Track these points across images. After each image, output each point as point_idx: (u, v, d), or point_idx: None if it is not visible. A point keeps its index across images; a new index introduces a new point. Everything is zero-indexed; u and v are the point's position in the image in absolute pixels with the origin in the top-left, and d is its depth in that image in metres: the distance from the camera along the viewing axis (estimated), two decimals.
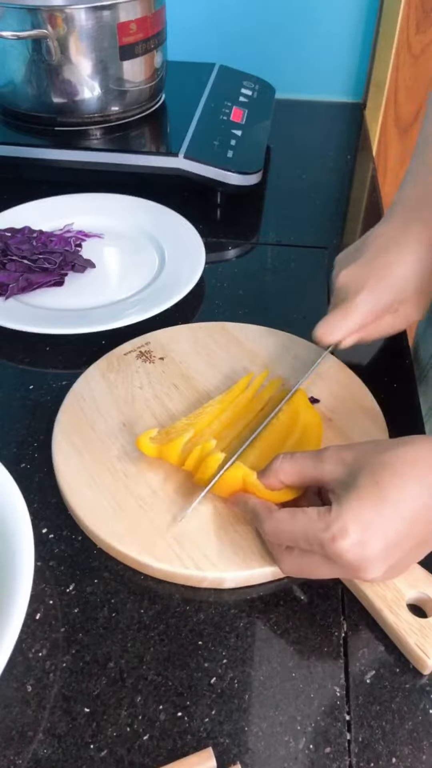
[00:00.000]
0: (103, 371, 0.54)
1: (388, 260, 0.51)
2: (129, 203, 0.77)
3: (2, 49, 0.76)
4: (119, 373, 0.54)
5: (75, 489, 0.45)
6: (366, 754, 0.34)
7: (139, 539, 0.42)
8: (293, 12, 1.02)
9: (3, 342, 0.60)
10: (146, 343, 0.57)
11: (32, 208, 0.75)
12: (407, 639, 0.37)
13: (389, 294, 0.50)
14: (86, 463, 0.47)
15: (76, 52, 0.75)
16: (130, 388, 0.53)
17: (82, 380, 0.53)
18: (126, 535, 0.42)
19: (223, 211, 0.80)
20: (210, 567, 0.41)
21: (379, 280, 0.50)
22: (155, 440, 0.46)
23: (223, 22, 1.04)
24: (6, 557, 0.38)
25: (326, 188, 0.85)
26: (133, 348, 0.57)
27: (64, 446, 0.48)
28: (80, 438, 0.48)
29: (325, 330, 0.51)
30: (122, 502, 0.44)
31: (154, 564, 0.41)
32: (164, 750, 0.34)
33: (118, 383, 0.53)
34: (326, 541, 0.34)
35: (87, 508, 0.44)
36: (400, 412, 0.53)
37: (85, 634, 0.39)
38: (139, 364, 0.55)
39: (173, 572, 0.41)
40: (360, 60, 1.07)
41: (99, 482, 0.45)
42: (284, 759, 0.34)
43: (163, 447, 0.45)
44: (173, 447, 0.45)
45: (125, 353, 0.56)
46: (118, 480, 0.46)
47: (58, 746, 0.34)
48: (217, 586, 0.41)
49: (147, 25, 0.78)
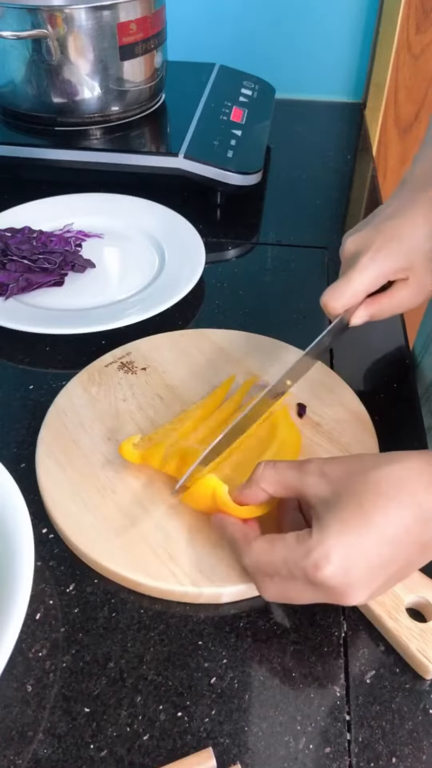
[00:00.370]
0: (85, 384, 0.53)
1: (395, 224, 0.48)
2: (129, 203, 0.77)
3: (2, 49, 0.76)
4: (101, 385, 0.53)
5: (61, 506, 0.44)
6: (366, 754, 0.34)
7: (132, 557, 0.41)
8: (293, 12, 1.02)
9: (3, 342, 0.60)
10: (127, 353, 0.56)
11: (32, 208, 0.75)
12: (408, 645, 0.37)
13: (396, 257, 0.47)
14: (71, 479, 0.45)
15: (76, 52, 0.75)
16: (113, 401, 0.51)
17: (64, 394, 0.52)
18: (117, 554, 0.41)
19: (223, 211, 0.80)
20: (206, 582, 0.40)
21: (384, 242, 0.47)
22: (138, 446, 0.45)
23: (223, 22, 1.04)
24: (6, 557, 0.38)
25: (326, 188, 0.85)
26: (114, 359, 0.55)
27: (47, 463, 0.46)
28: (64, 454, 0.47)
29: (331, 295, 0.47)
30: (110, 518, 0.43)
31: (149, 582, 0.40)
32: (164, 750, 0.34)
33: (100, 396, 0.52)
34: (308, 569, 0.33)
35: (74, 526, 0.42)
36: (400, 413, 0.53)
37: (85, 634, 0.39)
38: (121, 376, 0.54)
39: (169, 590, 0.40)
40: (360, 60, 1.07)
41: (85, 499, 0.44)
42: (284, 759, 0.34)
43: (146, 452, 0.45)
44: (156, 452, 0.44)
45: (106, 365, 0.54)
46: (105, 496, 0.44)
47: (58, 746, 0.34)
48: (214, 601, 0.40)
49: (147, 25, 0.78)
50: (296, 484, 0.37)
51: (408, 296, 0.49)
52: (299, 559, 0.34)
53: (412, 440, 0.51)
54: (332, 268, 0.71)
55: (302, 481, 0.37)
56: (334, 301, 0.47)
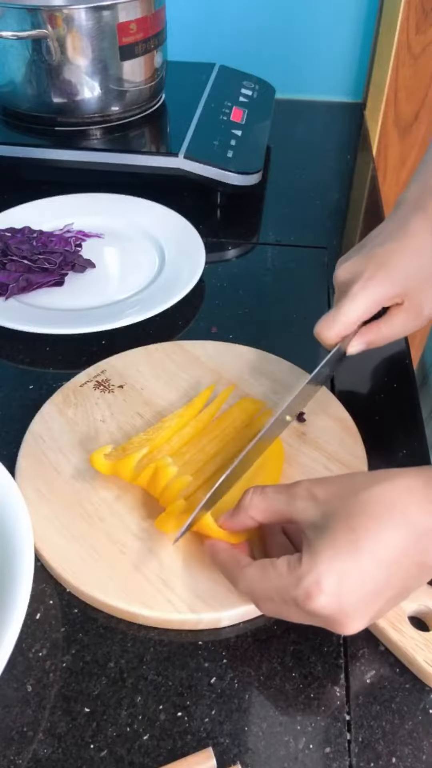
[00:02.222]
0: (60, 407, 0.51)
1: (387, 249, 0.47)
2: (129, 203, 0.77)
3: (2, 49, 0.76)
4: (78, 407, 0.51)
5: (47, 540, 0.42)
6: (366, 754, 0.34)
7: (125, 587, 0.39)
8: (293, 12, 1.02)
9: (3, 342, 0.60)
10: (102, 371, 0.54)
11: (32, 208, 0.75)
12: (415, 657, 0.36)
13: (389, 284, 0.46)
14: (57, 511, 0.43)
15: (76, 52, 0.75)
16: (92, 423, 0.50)
17: (39, 419, 0.50)
18: (109, 585, 0.39)
19: (223, 211, 0.80)
20: (205, 608, 0.38)
21: (377, 268, 0.46)
22: (110, 457, 0.44)
23: (223, 22, 1.04)
24: (6, 557, 0.38)
25: (326, 188, 0.85)
26: (89, 378, 0.53)
27: (29, 494, 0.44)
28: (45, 484, 0.45)
29: (324, 325, 0.47)
30: (100, 548, 0.41)
31: (145, 612, 0.38)
32: (164, 750, 0.34)
33: (77, 419, 0.50)
34: (300, 599, 0.32)
35: (63, 560, 0.41)
36: (400, 413, 0.53)
37: (85, 634, 0.39)
38: (98, 395, 0.52)
39: (167, 619, 0.38)
40: (360, 60, 1.07)
41: (73, 531, 0.42)
42: (284, 759, 0.34)
43: (117, 463, 0.43)
44: (127, 463, 0.43)
45: (81, 385, 0.53)
46: (93, 525, 0.43)
47: (58, 746, 0.34)
48: (214, 626, 0.39)
49: (147, 25, 0.78)
50: (285, 509, 0.36)
51: (405, 321, 0.48)
52: (290, 588, 0.32)
53: (414, 458, 0.50)
54: (332, 268, 0.70)
55: (292, 505, 0.36)
56: (327, 331, 0.47)
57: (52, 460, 0.47)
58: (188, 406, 0.49)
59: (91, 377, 0.54)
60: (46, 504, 0.44)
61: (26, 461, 0.47)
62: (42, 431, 0.49)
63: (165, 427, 0.47)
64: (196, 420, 0.48)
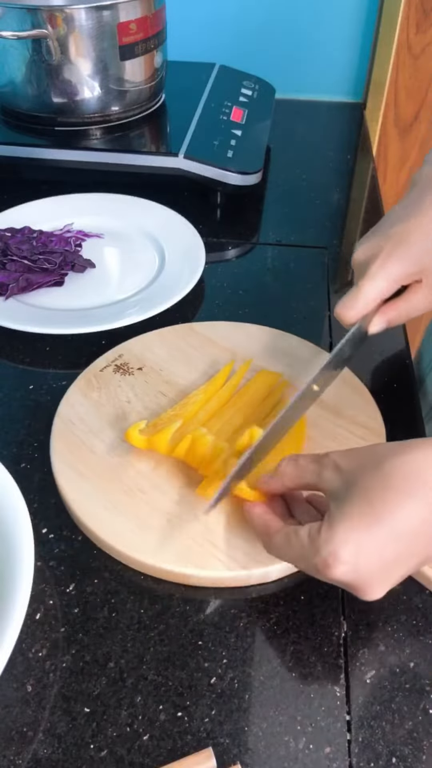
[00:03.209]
0: (84, 391, 0.52)
1: (404, 227, 0.47)
2: (129, 203, 0.77)
3: (2, 49, 0.76)
4: (101, 390, 0.52)
5: (95, 516, 0.43)
6: (366, 754, 0.34)
7: (176, 551, 0.41)
8: (293, 12, 1.02)
9: (3, 342, 0.60)
10: (119, 355, 0.55)
11: (32, 208, 0.75)
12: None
13: (407, 261, 0.46)
14: (98, 488, 0.45)
15: (76, 52, 0.75)
16: (117, 404, 0.51)
17: (65, 403, 0.51)
18: (160, 551, 0.41)
19: (223, 211, 0.80)
20: (254, 564, 0.40)
21: (395, 246, 0.46)
22: (144, 432, 0.46)
23: (223, 22, 1.04)
24: (6, 557, 0.38)
25: (326, 188, 0.85)
26: (108, 362, 0.55)
27: (70, 475, 0.46)
28: (81, 463, 0.47)
29: (343, 305, 0.47)
30: (144, 517, 0.43)
31: (199, 573, 0.40)
32: (164, 750, 0.34)
33: (103, 401, 0.51)
34: (319, 567, 0.33)
35: (114, 533, 0.42)
36: (400, 414, 0.53)
37: (85, 634, 0.39)
38: (119, 378, 0.53)
39: (219, 577, 0.40)
40: (360, 60, 1.07)
41: (117, 504, 0.44)
42: (284, 759, 0.34)
43: (153, 438, 0.45)
44: (162, 437, 0.45)
45: (101, 369, 0.54)
46: (134, 496, 0.44)
47: (58, 746, 0.34)
48: (264, 580, 0.41)
49: (147, 25, 0.78)
50: (314, 479, 0.37)
51: (424, 298, 0.48)
52: (311, 557, 0.34)
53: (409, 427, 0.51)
54: (332, 268, 0.71)
55: (320, 475, 0.37)
56: (346, 311, 0.47)
57: (84, 440, 0.48)
58: (210, 382, 0.52)
59: (110, 362, 0.55)
60: (86, 482, 0.46)
61: (60, 444, 0.48)
62: (70, 414, 0.50)
63: (191, 402, 0.49)
64: (219, 395, 0.51)
